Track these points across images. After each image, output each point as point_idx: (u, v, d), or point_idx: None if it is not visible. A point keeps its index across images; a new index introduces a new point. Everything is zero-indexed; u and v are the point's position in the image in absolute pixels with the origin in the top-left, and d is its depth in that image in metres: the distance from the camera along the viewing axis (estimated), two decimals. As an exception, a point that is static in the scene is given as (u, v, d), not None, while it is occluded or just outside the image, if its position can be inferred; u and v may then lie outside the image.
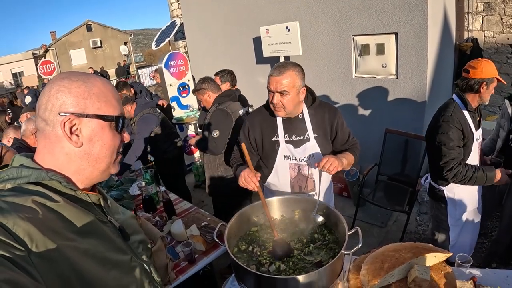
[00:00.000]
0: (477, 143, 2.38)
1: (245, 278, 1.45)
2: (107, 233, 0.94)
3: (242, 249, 1.64)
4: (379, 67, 4.23)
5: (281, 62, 2.03)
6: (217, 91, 3.12)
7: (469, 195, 2.49)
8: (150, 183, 3.10)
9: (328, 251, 1.60)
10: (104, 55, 29.89)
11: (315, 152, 2.04)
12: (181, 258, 2.28)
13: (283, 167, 2.10)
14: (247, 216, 1.75)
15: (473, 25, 4.65)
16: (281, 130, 2.06)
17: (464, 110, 2.31)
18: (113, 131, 0.95)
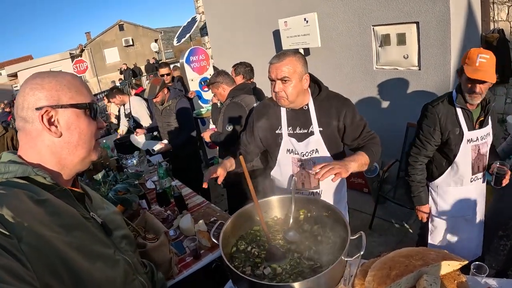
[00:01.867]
0: (470, 145, 2.11)
1: (238, 282, 1.34)
2: (90, 228, 0.96)
3: (240, 249, 1.54)
4: (400, 58, 4.00)
5: (281, 51, 1.89)
6: (231, 84, 3.02)
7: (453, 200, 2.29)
8: (163, 177, 3.05)
9: (329, 256, 1.46)
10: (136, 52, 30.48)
11: (319, 147, 1.88)
12: (187, 253, 2.22)
13: (286, 161, 1.97)
14: (250, 214, 1.64)
15: (499, 16, 4.32)
16: (284, 122, 1.92)
17: (457, 105, 2.09)
18: (88, 118, 0.99)
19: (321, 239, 1.55)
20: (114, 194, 2.23)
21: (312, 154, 1.90)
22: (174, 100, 3.80)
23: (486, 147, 2.15)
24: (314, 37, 4.43)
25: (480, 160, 2.16)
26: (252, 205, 1.60)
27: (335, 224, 1.55)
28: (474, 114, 2.10)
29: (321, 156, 1.90)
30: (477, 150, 2.14)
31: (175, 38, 7.49)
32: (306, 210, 1.67)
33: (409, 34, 3.83)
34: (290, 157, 1.95)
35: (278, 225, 1.67)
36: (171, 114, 3.80)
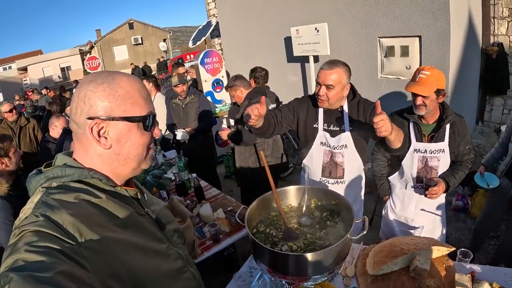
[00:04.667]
0: (416, 155, 2.27)
1: (260, 255, 1.59)
2: (145, 225, 0.98)
3: (260, 231, 1.78)
4: (403, 69, 4.24)
5: (332, 59, 2.16)
6: (248, 87, 3.28)
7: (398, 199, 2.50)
8: (183, 170, 3.31)
9: (337, 237, 1.71)
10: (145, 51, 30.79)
11: (348, 143, 2.20)
12: (207, 238, 2.46)
13: (318, 152, 2.27)
14: (268, 202, 1.88)
15: (498, 30, 4.57)
16: (321, 119, 2.23)
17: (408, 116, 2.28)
18: (141, 131, 0.95)
19: (329, 223, 1.80)
20: (152, 178, 2.50)
21: (342, 149, 2.22)
22: (196, 95, 4.23)
23: (437, 162, 2.24)
24: (324, 46, 4.67)
25: (428, 172, 2.27)
26: (271, 193, 1.85)
27: (342, 211, 1.81)
28: (425, 127, 2.24)
29: (349, 151, 2.22)
30: (425, 162, 2.26)
31: (190, 40, 7.76)
32: (317, 199, 1.92)
33: (412, 47, 4.07)
34: (323, 149, 2.27)
35: (293, 211, 1.92)
36: (194, 107, 4.18)
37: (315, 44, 4.76)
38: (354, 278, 1.87)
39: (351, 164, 2.27)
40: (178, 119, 4.26)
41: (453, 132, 2.20)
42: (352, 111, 2.21)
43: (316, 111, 2.27)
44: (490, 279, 1.67)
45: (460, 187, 3.98)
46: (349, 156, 2.25)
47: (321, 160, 2.30)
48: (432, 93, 2.07)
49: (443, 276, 1.76)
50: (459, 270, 1.79)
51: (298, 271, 1.50)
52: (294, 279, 1.55)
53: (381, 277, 1.78)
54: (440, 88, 2.09)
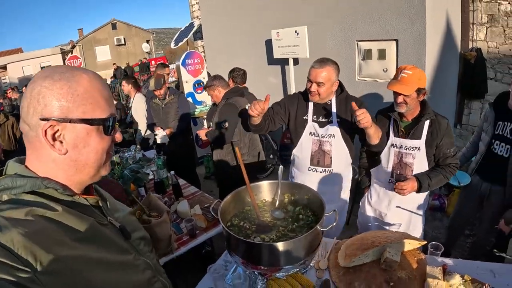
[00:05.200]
0: (393, 150, 2.32)
1: (234, 246, 1.61)
2: (108, 235, 0.89)
3: (234, 224, 1.81)
4: (380, 71, 4.33)
5: (322, 58, 2.31)
6: (226, 87, 3.32)
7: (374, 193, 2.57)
8: (161, 168, 3.30)
9: (309, 230, 1.75)
10: (128, 52, 30.44)
11: (335, 133, 2.37)
12: (184, 233, 2.47)
13: (307, 141, 2.43)
14: (242, 196, 1.90)
15: (477, 36, 4.68)
16: (311, 111, 2.41)
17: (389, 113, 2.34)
18: (100, 135, 0.86)
19: (302, 217, 1.84)
20: (130, 172, 2.49)
21: (330, 138, 2.38)
22: (176, 95, 4.27)
23: (411, 159, 2.27)
24: (303, 48, 4.75)
25: (402, 168, 2.31)
26: (245, 188, 1.87)
27: (314, 205, 1.84)
28: (403, 123, 2.29)
29: (336, 140, 2.38)
30: (400, 157, 2.30)
31: (172, 41, 7.74)
32: (290, 194, 1.96)
33: (389, 50, 4.18)
34: (311, 138, 2.43)
35: (266, 206, 1.95)
36: (173, 107, 4.23)
37: (295, 47, 4.83)
38: (327, 270, 1.91)
39: (338, 153, 2.40)
40: (158, 119, 4.27)
41: (431, 131, 2.22)
42: (340, 105, 2.37)
43: (306, 104, 2.43)
44: (461, 272, 1.69)
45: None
46: (336, 145, 2.39)
47: (310, 149, 2.43)
48: (413, 92, 2.12)
49: (415, 269, 1.81)
50: (430, 263, 1.82)
51: (270, 261, 1.53)
52: (266, 270, 1.57)
53: (352, 269, 1.83)
54: (421, 87, 2.14)
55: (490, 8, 4.46)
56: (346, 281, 1.79)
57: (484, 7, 4.52)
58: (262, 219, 1.81)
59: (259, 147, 3.37)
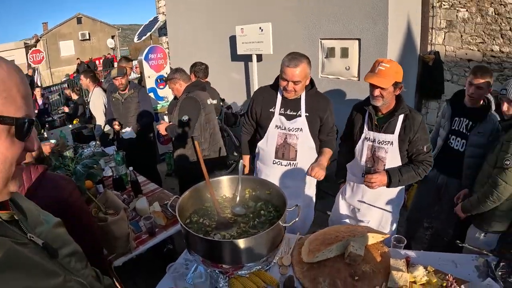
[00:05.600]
0: (366, 143, 2.27)
1: (194, 244, 1.50)
2: (29, 257, 0.70)
3: (193, 221, 1.69)
4: (342, 69, 4.35)
5: (294, 54, 2.21)
6: (188, 81, 3.16)
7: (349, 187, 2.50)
8: (120, 163, 3.10)
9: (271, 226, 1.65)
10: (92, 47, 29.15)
11: (303, 127, 2.31)
12: (143, 231, 2.32)
13: (273, 134, 2.36)
14: (201, 192, 1.79)
15: (436, 40, 4.84)
16: (278, 104, 2.34)
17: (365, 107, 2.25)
18: (11, 139, 0.66)
19: (263, 213, 1.74)
20: (83, 167, 2.28)
21: (297, 131, 2.32)
22: (136, 89, 4.04)
23: (384, 153, 2.21)
24: (267, 45, 4.69)
25: (375, 162, 2.24)
26: (204, 183, 1.76)
27: (276, 200, 1.75)
28: (377, 117, 2.21)
29: (303, 134, 2.33)
30: (373, 151, 2.24)
31: (135, 36, 7.42)
32: (251, 189, 1.86)
33: (352, 49, 4.19)
34: (277, 132, 2.35)
35: (227, 202, 1.84)
36: (134, 102, 3.99)
37: (259, 43, 4.77)
38: (290, 267, 1.83)
39: (304, 146, 2.34)
40: (117, 113, 4.03)
41: (404, 126, 2.15)
42: (310, 100, 2.32)
43: (274, 97, 2.37)
44: (424, 264, 1.70)
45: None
46: (303, 139, 2.33)
47: (275, 142, 2.36)
48: (390, 85, 2.04)
49: (378, 262, 1.77)
50: (394, 256, 1.80)
51: (231, 259, 1.44)
52: (228, 268, 1.47)
53: (316, 265, 1.76)
54: (398, 81, 2.06)
55: (449, 14, 4.64)
56: (310, 276, 1.72)
57: (443, 13, 4.68)
58: (222, 215, 1.70)
59: (220, 143, 3.24)
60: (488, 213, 2.14)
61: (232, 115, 5.00)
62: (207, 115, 3.04)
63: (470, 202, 2.23)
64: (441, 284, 1.59)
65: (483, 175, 2.23)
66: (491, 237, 2.19)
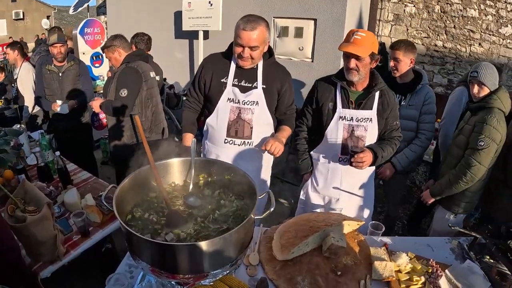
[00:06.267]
0: (342, 123, 1.97)
1: (139, 249, 1.10)
2: None
3: (136, 217, 1.27)
4: (296, 50, 4.12)
5: (250, 16, 1.85)
6: (128, 49, 2.65)
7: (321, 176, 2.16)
8: (46, 149, 2.53)
9: (236, 219, 1.29)
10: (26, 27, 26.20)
11: (259, 100, 1.96)
12: (74, 231, 1.86)
13: (225, 109, 1.98)
14: (144, 180, 1.36)
15: (382, 31, 4.87)
16: (232, 74, 1.96)
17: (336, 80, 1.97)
18: None
19: (224, 202, 1.38)
20: (-13, 152, 1.70)
21: (252, 105, 1.95)
22: (76, 62, 3.40)
23: (364, 132, 1.97)
24: (216, 21, 4.30)
25: (354, 142, 1.99)
26: (148, 168, 1.34)
27: (239, 186, 1.38)
28: (353, 94, 1.96)
29: (260, 108, 1.96)
30: (351, 130, 1.98)
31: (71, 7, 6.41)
32: (206, 174, 1.48)
33: (307, 29, 3.95)
34: (229, 106, 1.96)
35: (177, 191, 1.44)
36: (72, 76, 3.35)
37: (207, 18, 4.35)
38: (259, 266, 1.50)
39: (261, 122, 2.00)
40: (51, 89, 3.35)
41: (381, 102, 1.94)
42: (268, 70, 1.98)
43: (227, 66, 1.98)
44: (401, 249, 1.59)
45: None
46: (259, 114, 1.98)
47: (227, 117, 1.98)
48: (367, 55, 1.80)
49: (358, 252, 1.56)
50: (371, 243, 1.65)
51: (191, 267, 1.06)
52: (187, 278, 1.09)
53: (291, 262, 1.48)
54: (375, 52, 1.84)
55: (397, 8, 4.68)
56: (286, 276, 1.43)
57: (391, 6, 4.72)
58: (173, 208, 1.30)
59: (163, 123, 2.77)
60: (458, 195, 2.11)
61: (175, 96, 4.48)
62: (149, 89, 2.54)
63: (440, 185, 2.15)
64: (426, 271, 1.48)
65: (451, 158, 2.18)
66: (459, 218, 2.19)
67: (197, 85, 2.06)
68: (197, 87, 2.07)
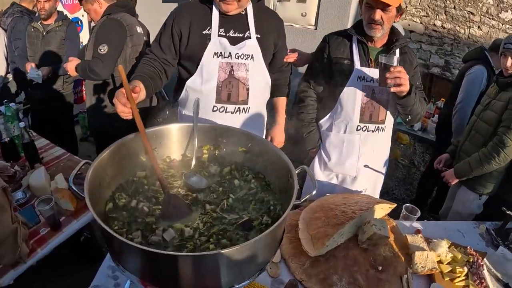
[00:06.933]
0: (361, 84, 1.66)
1: (125, 258, 0.76)
2: None
3: (120, 205, 0.91)
4: (298, 16, 3.71)
5: None
6: (110, 0, 2.15)
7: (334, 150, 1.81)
8: (11, 120, 2.11)
9: (258, 204, 0.95)
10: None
11: (255, 53, 1.53)
12: (42, 223, 1.48)
13: (211, 66, 1.51)
14: (130, 153, 1.00)
15: None
16: (215, 22, 1.50)
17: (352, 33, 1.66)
18: None
19: (239, 183, 1.03)
20: None
21: (247, 60, 1.51)
22: (65, 22, 2.91)
23: (386, 95, 1.66)
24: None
25: (374, 108, 1.68)
26: (134, 138, 0.97)
27: (259, 161, 1.04)
28: (372, 51, 1.65)
29: (255, 63, 1.53)
30: (371, 93, 1.67)
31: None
32: (212, 146, 1.12)
33: (311, -7, 3.55)
34: (218, 62, 1.50)
35: (174, 168, 1.08)
36: (58, 37, 2.88)
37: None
38: (282, 263, 1.18)
39: (258, 82, 1.58)
40: (33, 50, 2.89)
41: (403, 60, 1.62)
42: (260, 17, 1.57)
43: (207, 14, 1.52)
44: (432, 236, 1.42)
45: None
46: (256, 71, 1.56)
47: (215, 77, 1.51)
48: (399, 3, 1.47)
49: (394, 240, 1.31)
50: (402, 229, 1.43)
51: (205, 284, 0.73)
52: None
53: (323, 257, 1.18)
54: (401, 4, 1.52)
55: None
56: (318, 276, 1.13)
57: None
58: (171, 192, 0.95)
59: None
60: (485, 175, 1.94)
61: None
62: (135, 46, 2.09)
63: (468, 165, 1.93)
64: (467, 260, 1.31)
65: (478, 134, 1.98)
66: (483, 200, 2.03)
67: (167, 41, 1.54)
68: (165, 43, 1.54)
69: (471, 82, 2.48)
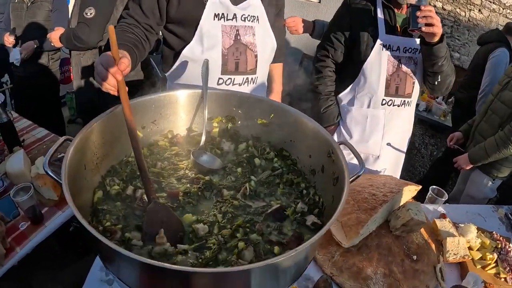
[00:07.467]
0: (386, 53, 1.51)
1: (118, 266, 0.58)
2: None
3: (112, 194, 0.73)
4: None
5: None
6: None
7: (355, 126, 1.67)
8: (-12, 99, 1.88)
9: (286, 188, 0.78)
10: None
11: (260, 15, 1.28)
12: (21, 216, 1.26)
13: (212, 31, 1.24)
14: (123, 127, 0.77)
15: None
16: None
17: None
18: None
19: (260, 162, 0.86)
20: None
21: (253, 22, 1.27)
22: None
23: (414, 66, 1.52)
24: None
25: (400, 80, 1.53)
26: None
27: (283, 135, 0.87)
28: (400, 17, 1.48)
29: (261, 26, 1.28)
30: (397, 64, 1.51)
31: None
32: (224, 117, 0.93)
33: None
34: (220, 25, 1.23)
35: (180, 144, 0.89)
36: (43, 10, 2.62)
37: None
38: None
39: (266, 47, 1.35)
40: (17, 24, 2.64)
41: None
42: None
43: None
44: (454, 219, 1.32)
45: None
46: (263, 35, 1.33)
47: (220, 44, 1.25)
48: None
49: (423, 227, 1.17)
50: (427, 213, 1.29)
51: None
52: None
53: (354, 247, 1.03)
54: None
55: None
56: (351, 269, 0.97)
57: None
58: (177, 174, 0.79)
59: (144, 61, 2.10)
60: (502, 158, 1.83)
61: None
62: (126, 10, 1.86)
63: (484, 149, 1.79)
64: (495, 246, 1.22)
65: (495, 115, 1.84)
66: (497, 183, 1.94)
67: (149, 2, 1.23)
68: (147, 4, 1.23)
69: (496, 65, 2.43)
